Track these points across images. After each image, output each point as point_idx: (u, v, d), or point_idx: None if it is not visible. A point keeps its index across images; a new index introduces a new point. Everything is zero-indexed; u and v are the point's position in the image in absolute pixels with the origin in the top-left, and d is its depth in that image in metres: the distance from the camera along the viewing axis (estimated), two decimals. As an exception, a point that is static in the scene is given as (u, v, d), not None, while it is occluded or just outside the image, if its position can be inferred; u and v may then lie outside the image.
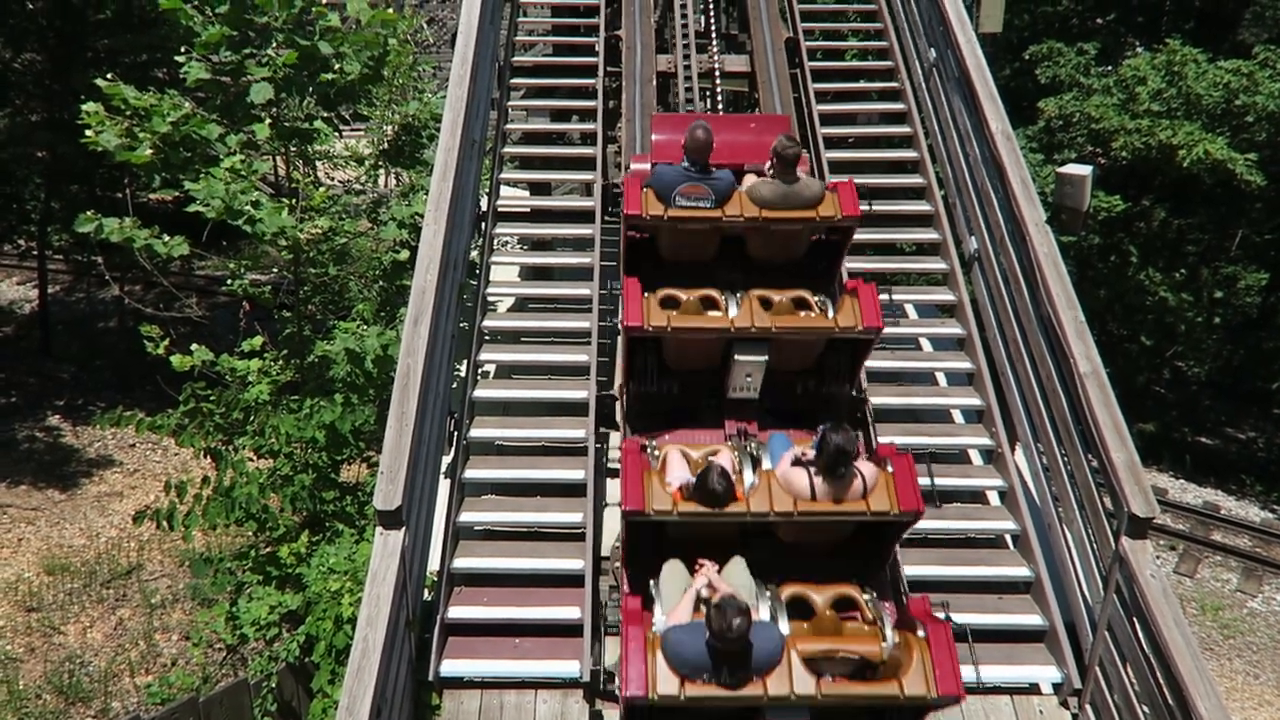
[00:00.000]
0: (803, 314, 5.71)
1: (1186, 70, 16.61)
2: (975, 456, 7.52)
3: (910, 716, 4.73)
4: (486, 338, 7.86)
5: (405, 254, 9.48)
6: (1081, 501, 5.91)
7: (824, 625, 4.78)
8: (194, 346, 8.39)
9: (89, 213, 8.56)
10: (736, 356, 5.65)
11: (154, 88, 8.94)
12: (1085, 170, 7.34)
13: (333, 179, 14.59)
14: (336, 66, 8.87)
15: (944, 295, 8.16)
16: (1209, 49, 17.89)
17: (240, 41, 8.63)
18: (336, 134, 9.76)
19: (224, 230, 9.20)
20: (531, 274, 9.79)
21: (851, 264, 7.54)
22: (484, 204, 8.58)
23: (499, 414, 7.58)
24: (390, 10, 9.45)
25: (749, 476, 5.13)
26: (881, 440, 6.57)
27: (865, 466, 4.81)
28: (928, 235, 8.63)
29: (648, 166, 6.18)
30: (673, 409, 6.18)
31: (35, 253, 20.85)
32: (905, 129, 9.38)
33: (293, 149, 9.54)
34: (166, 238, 8.62)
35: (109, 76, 8.61)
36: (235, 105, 8.89)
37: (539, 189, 10.69)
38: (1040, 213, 6.73)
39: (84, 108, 8.33)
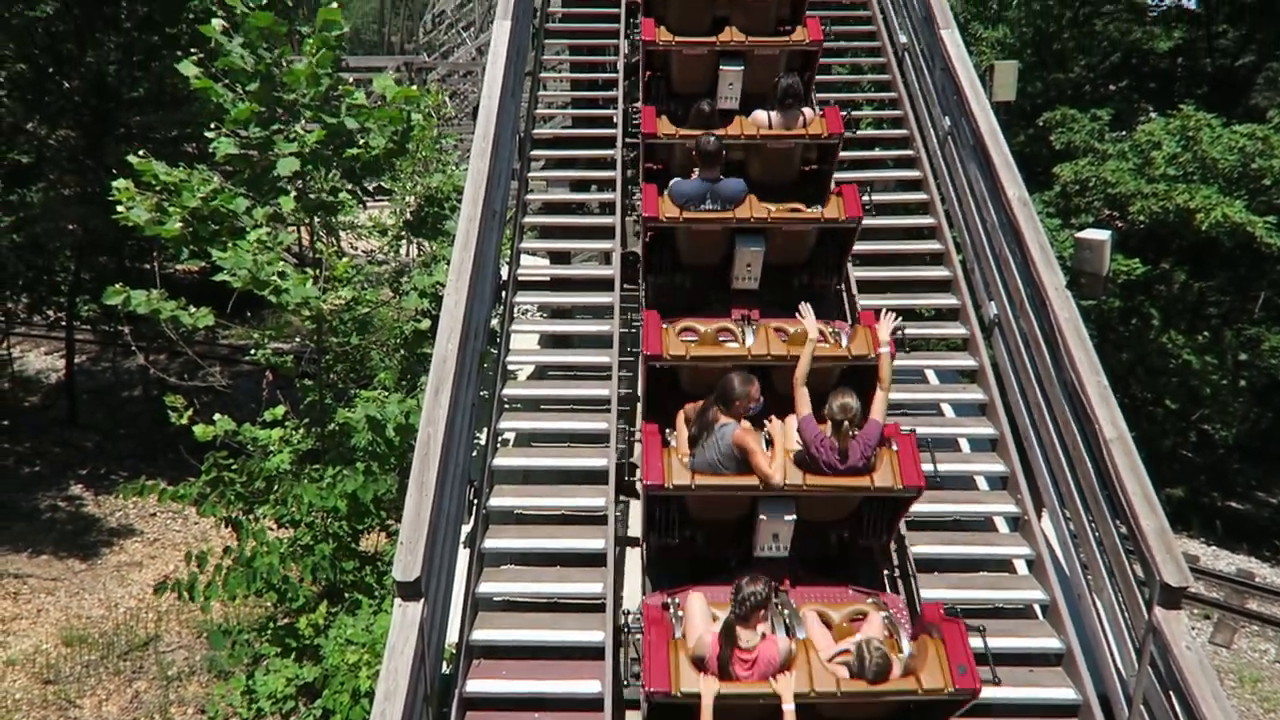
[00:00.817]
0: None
1: (1201, 135, 16.73)
2: (1001, 524, 7.39)
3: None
4: (506, 406, 7.87)
5: (426, 323, 9.57)
6: (1111, 570, 5.78)
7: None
8: (217, 416, 8.46)
9: (118, 285, 8.72)
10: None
11: (183, 162, 9.17)
12: (1104, 235, 7.35)
13: (356, 249, 14.83)
14: (362, 141, 9.08)
15: (965, 360, 8.11)
16: (1223, 113, 18.03)
17: (269, 118, 8.86)
18: (361, 205, 9.94)
19: (248, 299, 9.34)
20: (551, 342, 9.84)
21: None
22: (504, 273, 8.67)
23: (519, 482, 7.55)
24: (415, 88, 9.69)
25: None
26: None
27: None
28: (947, 300, 8.63)
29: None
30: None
31: (64, 323, 21.22)
32: (922, 195, 9.44)
33: (317, 220, 9.72)
34: (193, 309, 8.76)
35: (140, 153, 8.84)
36: (262, 179, 9.08)
37: (559, 258, 10.79)
38: (1060, 278, 6.72)
39: (115, 184, 8.54)
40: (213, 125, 9.20)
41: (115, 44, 18.25)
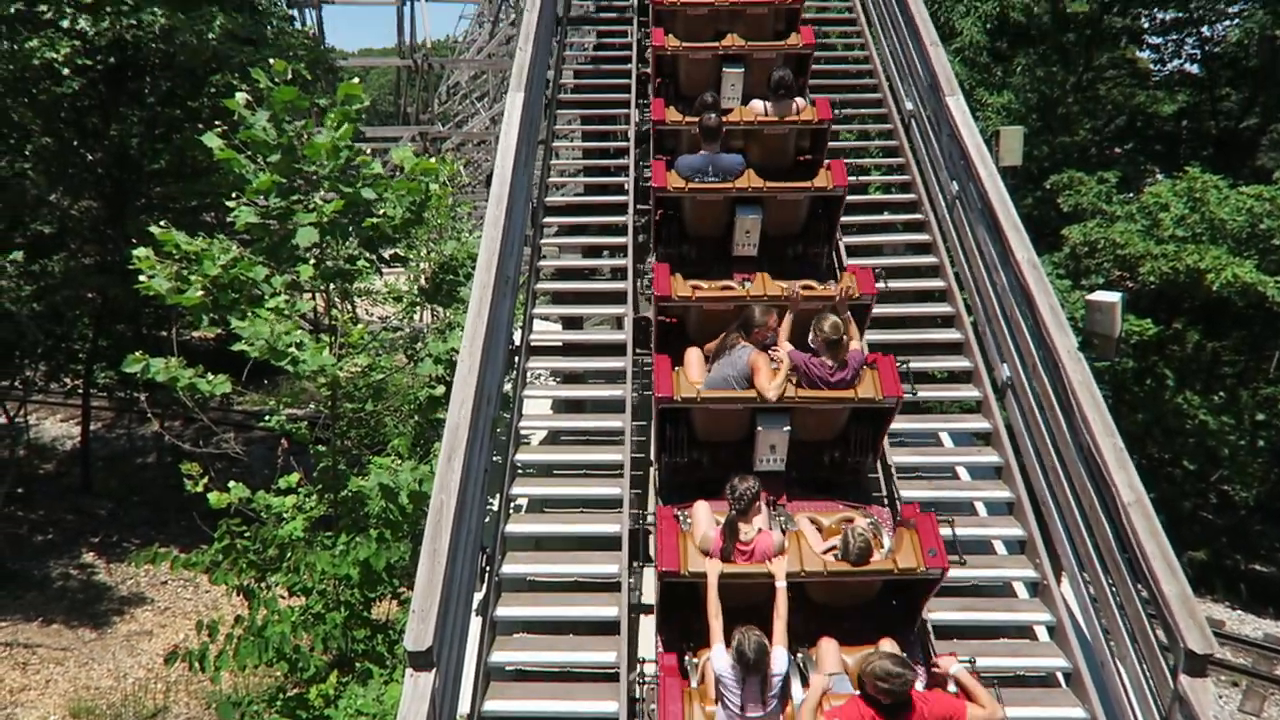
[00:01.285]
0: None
1: (1208, 196, 16.84)
2: (1020, 589, 7.29)
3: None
4: (519, 471, 7.86)
5: (441, 389, 9.62)
6: (1134, 635, 5.67)
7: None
8: (231, 484, 8.48)
9: (137, 353, 8.82)
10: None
11: (202, 231, 9.34)
12: (1115, 297, 7.38)
13: (371, 314, 14.97)
14: (380, 211, 9.25)
15: (979, 423, 8.09)
16: (1229, 175, 18.17)
17: (289, 188, 9.04)
18: (377, 272, 10.07)
19: (263, 365, 9.43)
20: (564, 406, 9.86)
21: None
22: (517, 338, 8.73)
23: (531, 548, 7.50)
24: (433, 160, 9.89)
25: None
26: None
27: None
28: (960, 363, 8.63)
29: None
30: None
31: (80, 391, 21.38)
32: (932, 259, 9.51)
33: (334, 287, 9.85)
34: (210, 376, 8.84)
35: (162, 223, 9.02)
36: (281, 247, 9.23)
37: (571, 323, 10.87)
38: (1071, 340, 6.73)
39: (136, 253, 8.70)
40: (233, 195, 9.39)
41: (139, 118, 18.72)
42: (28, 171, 17.85)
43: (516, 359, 8.56)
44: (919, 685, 4.98)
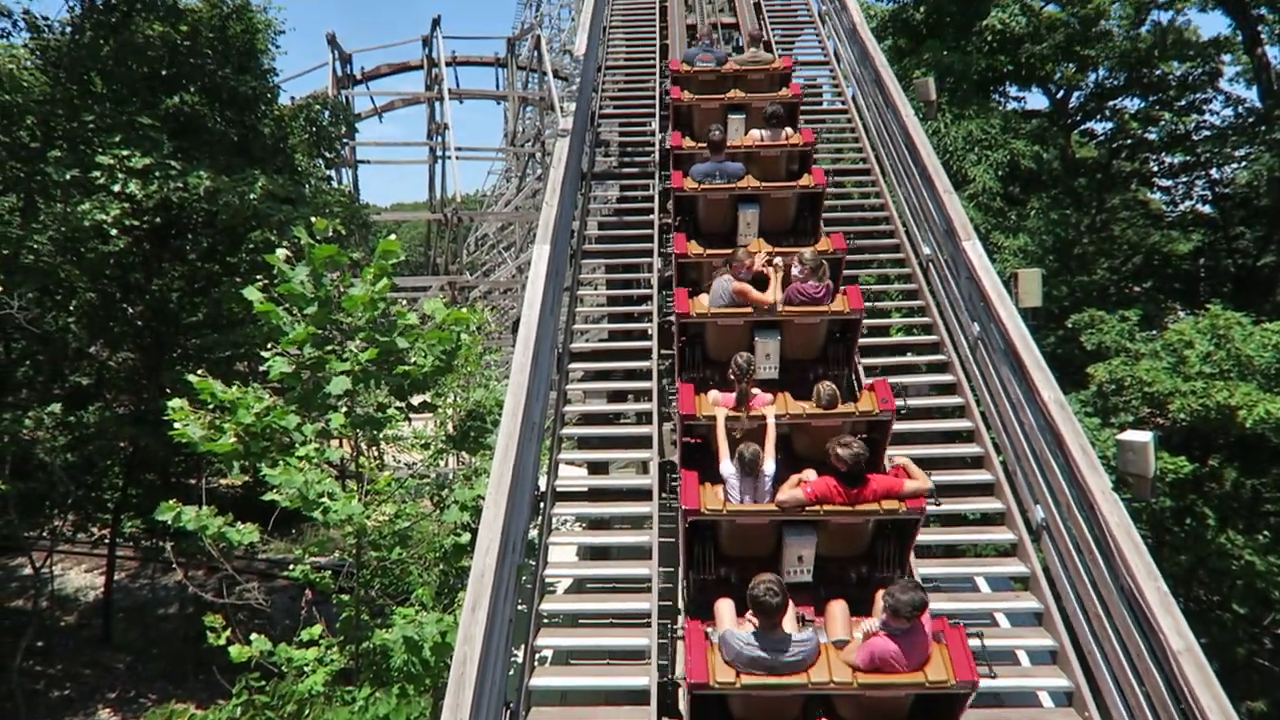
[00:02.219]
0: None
1: (1233, 333, 16.83)
2: (1071, 745, 6.91)
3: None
4: (545, 621, 7.69)
5: (467, 537, 9.55)
6: (1196, 796, 5.33)
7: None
8: (253, 636, 8.35)
9: (170, 502, 8.87)
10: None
11: (236, 380, 9.54)
12: (1147, 436, 7.28)
13: (398, 461, 15.04)
14: (412, 360, 9.43)
15: (1015, 567, 7.87)
16: (1251, 311, 18.19)
17: (323, 338, 9.28)
18: (406, 420, 10.19)
19: (289, 512, 9.43)
20: (590, 553, 9.72)
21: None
22: (543, 484, 8.70)
23: (556, 703, 7.26)
24: (464, 310, 10.17)
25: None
26: None
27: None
28: (991, 505, 8.48)
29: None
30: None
31: (107, 541, 21.37)
32: (957, 399, 9.49)
33: (362, 434, 9.94)
34: (239, 525, 8.85)
35: (199, 373, 9.24)
36: (313, 396, 9.39)
37: (597, 468, 10.86)
38: (1105, 480, 6.63)
39: (170, 403, 8.88)
40: (267, 345, 9.64)
41: (179, 273, 19.43)
42: (70, 326, 18.44)
43: (542, 505, 8.51)
44: None
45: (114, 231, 14.72)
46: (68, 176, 13.85)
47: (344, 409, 9.19)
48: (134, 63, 14.08)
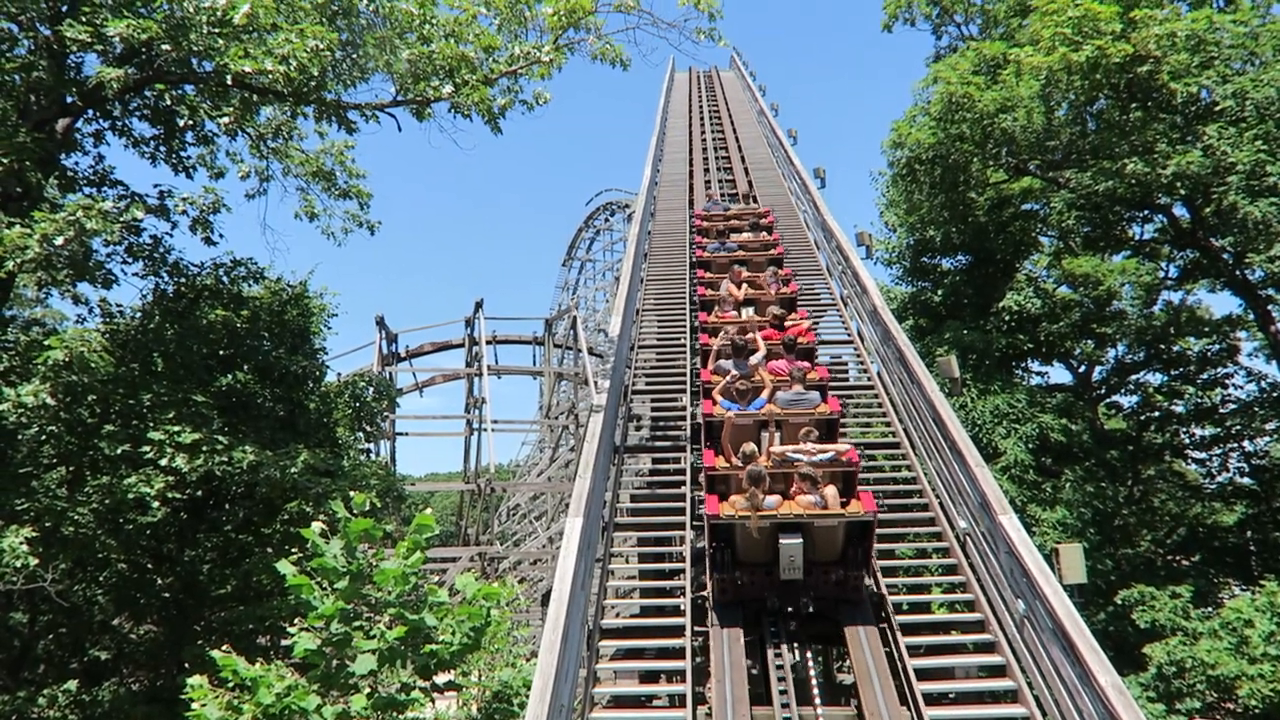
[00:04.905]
0: None
1: (1294, 616, 16.12)
2: None
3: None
4: None
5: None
6: None
7: None
8: None
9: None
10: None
11: (259, 655, 9.29)
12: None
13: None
14: (440, 638, 9.21)
15: None
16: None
17: (351, 614, 9.13)
18: (430, 700, 9.77)
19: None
20: None
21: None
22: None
23: None
24: (495, 585, 10.07)
25: None
26: None
27: None
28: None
29: None
30: None
31: (102, 833, 19.93)
32: (1008, 683, 9.01)
33: (383, 716, 9.50)
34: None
35: (224, 648, 9.04)
36: (336, 675, 9.10)
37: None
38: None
39: (190, 681, 8.64)
40: (292, 620, 9.47)
41: (213, 543, 19.46)
42: (98, 598, 18.26)
43: (570, 798, 7.96)
44: None
45: (156, 504, 14.98)
46: (119, 451, 14.32)
47: (367, 689, 8.87)
48: (196, 345, 14.97)
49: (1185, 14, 21.97)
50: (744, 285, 14.89)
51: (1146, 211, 26.32)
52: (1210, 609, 19.72)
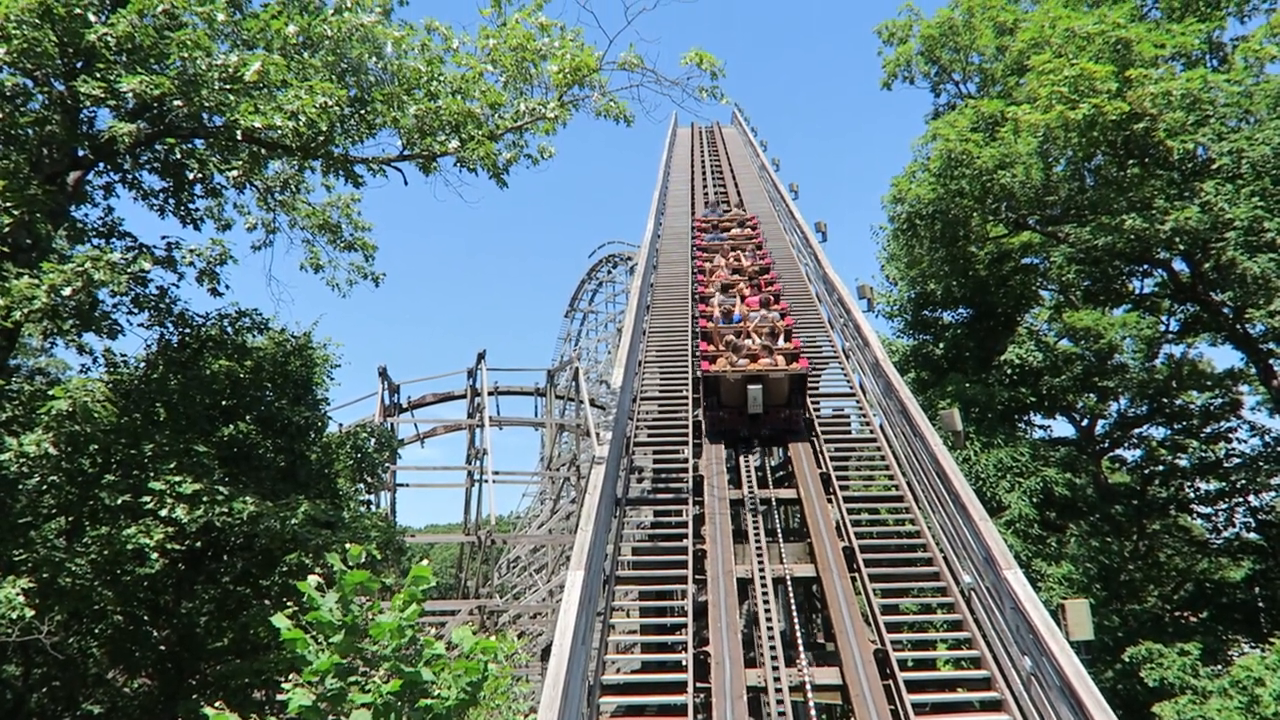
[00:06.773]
0: None
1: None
2: None
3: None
4: None
5: None
6: None
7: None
8: None
9: None
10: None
11: (253, 711, 9.12)
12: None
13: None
14: (436, 693, 9.05)
15: None
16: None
17: (347, 668, 8.99)
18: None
19: None
20: None
21: None
22: (570, 836, 8.02)
23: None
24: (492, 639, 9.94)
25: None
26: None
27: None
28: None
29: None
30: None
31: None
32: (1017, 743, 8.86)
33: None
34: None
35: (217, 705, 8.87)
36: (331, 731, 8.94)
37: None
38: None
39: (185, 736, 8.49)
40: (286, 674, 9.31)
41: (210, 595, 19.26)
42: (93, 650, 18.03)
43: None
44: None
45: (154, 555, 14.87)
46: (119, 501, 14.25)
47: (362, 746, 8.69)
48: (199, 395, 14.98)
49: (1180, 73, 22.30)
50: (731, 256, 21.88)
51: (1146, 266, 26.50)
52: (1219, 667, 19.43)
